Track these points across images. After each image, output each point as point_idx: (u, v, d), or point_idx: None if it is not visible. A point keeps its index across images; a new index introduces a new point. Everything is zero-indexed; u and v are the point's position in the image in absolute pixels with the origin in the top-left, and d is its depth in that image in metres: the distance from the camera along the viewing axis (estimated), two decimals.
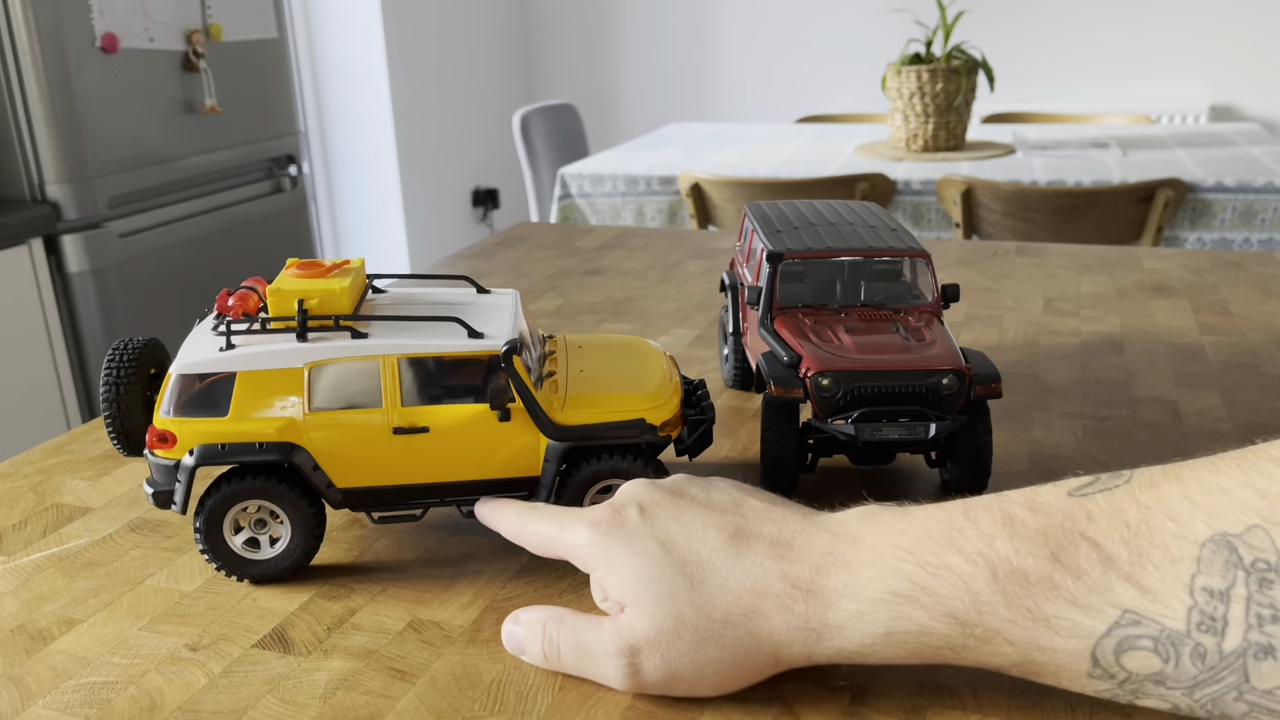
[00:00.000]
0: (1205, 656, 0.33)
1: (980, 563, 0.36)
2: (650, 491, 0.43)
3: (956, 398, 0.53)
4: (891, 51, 3.57)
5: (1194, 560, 0.33)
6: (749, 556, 0.39)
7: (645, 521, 0.41)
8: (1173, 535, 0.33)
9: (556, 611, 0.43)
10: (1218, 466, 0.34)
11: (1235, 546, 0.32)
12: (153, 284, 1.96)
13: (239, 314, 0.49)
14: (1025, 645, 0.35)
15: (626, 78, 4.00)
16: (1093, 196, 1.88)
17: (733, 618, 0.38)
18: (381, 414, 0.48)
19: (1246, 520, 0.32)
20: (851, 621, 0.37)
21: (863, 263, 0.60)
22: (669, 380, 0.53)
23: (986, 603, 0.35)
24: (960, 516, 0.37)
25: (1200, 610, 0.32)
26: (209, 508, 0.48)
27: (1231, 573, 0.32)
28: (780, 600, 0.38)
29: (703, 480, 0.45)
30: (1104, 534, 0.35)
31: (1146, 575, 0.33)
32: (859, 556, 0.38)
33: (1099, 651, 0.34)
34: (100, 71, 1.81)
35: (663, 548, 0.40)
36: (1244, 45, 3.30)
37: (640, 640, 0.39)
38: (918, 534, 0.37)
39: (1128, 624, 0.34)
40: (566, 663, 0.42)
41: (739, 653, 0.39)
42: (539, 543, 0.45)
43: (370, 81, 3.30)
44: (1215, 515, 0.33)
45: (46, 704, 0.42)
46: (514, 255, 1.15)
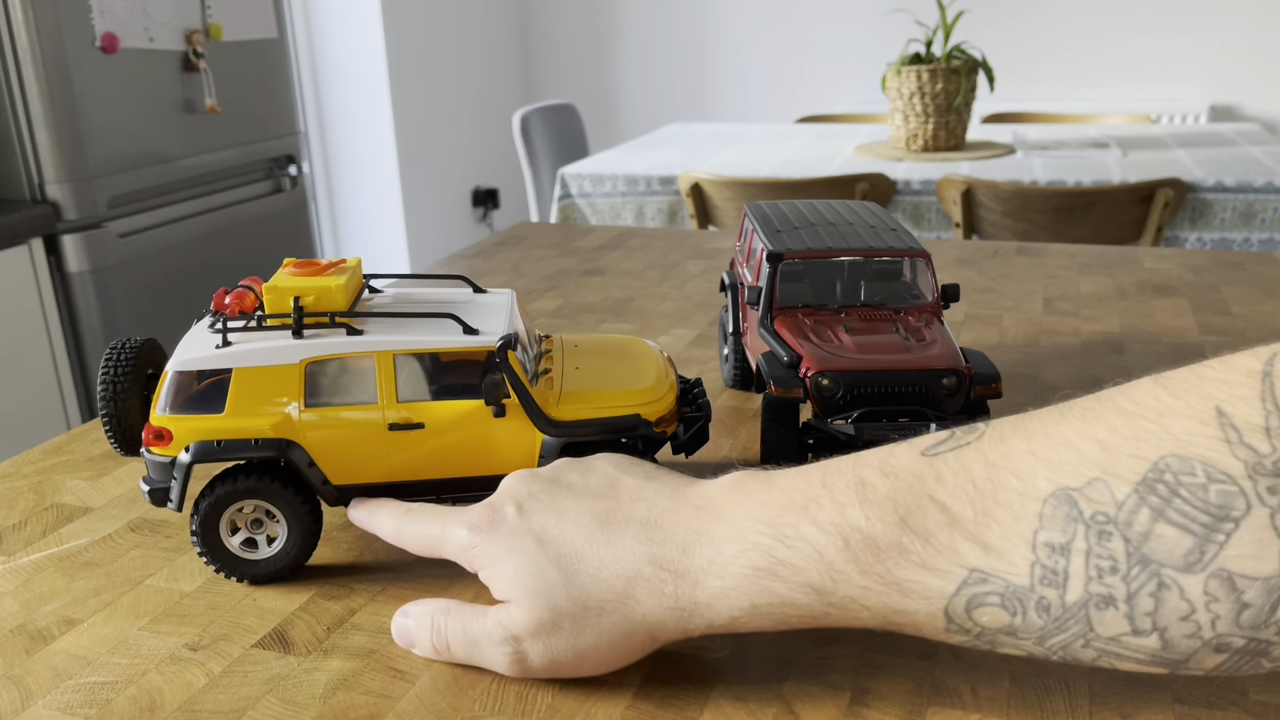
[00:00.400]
0: (1050, 609, 0.33)
1: (833, 532, 0.36)
2: (529, 484, 0.44)
3: (956, 398, 0.53)
4: (891, 51, 3.57)
5: (1036, 516, 0.33)
6: (619, 542, 0.40)
7: (521, 518, 0.42)
8: (1016, 492, 0.34)
9: (444, 603, 0.44)
10: (1065, 417, 0.35)
11: (1075, 500, 0.33)
12: (153, 284, 1.96)
13: (235, 312, 0.49)
14: (881, 609, 0.36)
15: (626, 78, 4.00)
16: (1093, 196, 1.88)
17: (606, 605, 0.39)
18: (377, 410, 0.48)
19: (1087, 474, 0.33)
20: (718, 598, 0.38)
21: (863, 263, 0.60)
22: (664, 377, 0.53)
23: (840, 572, 0.36)
24: (818, 484, 0.38)
25: (1042, 565, 0.33)
26: (204, 509, 0.48)
27: (1071, 527, 0.33)
28: (650, 584, 0.39)
29: (583, 463, 0.45)
30: (951, 495, 0.35)
31: (990, 534, 0.34)
32: (722, 532, 0.39)
33: (951, 610, 0.35)
34: (100, 71, 1.81)
35: (538, 543, 0.41)
36: (1244, 45, 3.30)
37: (521, 631, 0.40)
38: (777, 504, 0.38)
39: (975, 582, 0.34)
40: (456, 653, 0.43)
41: (615, 636, 0.40)
42: (421, 545, 0.46)
43: (370, 81, 3.30)
44: (1058, 469, 0.33)
45: (46, 704, 0.42)
46: (514, 255, 1.15)
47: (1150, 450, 0.32)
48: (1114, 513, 0.32)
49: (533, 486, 0.44)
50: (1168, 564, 0.31)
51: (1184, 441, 0.31)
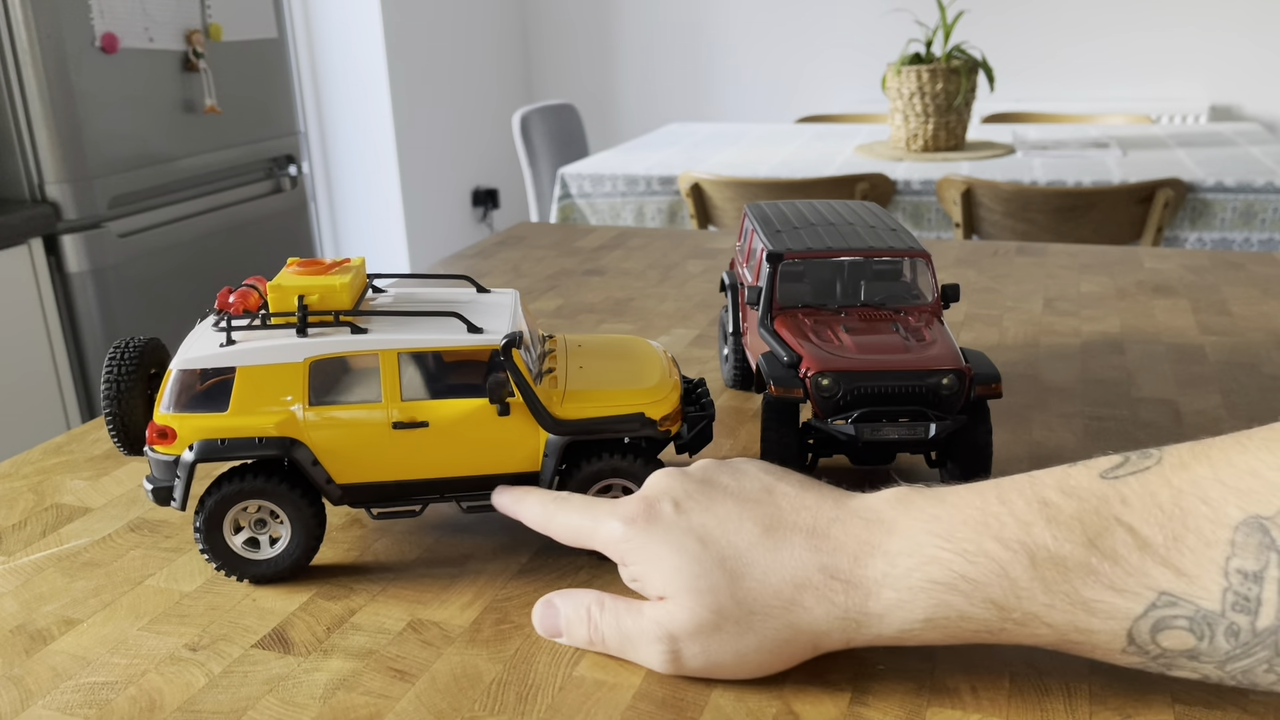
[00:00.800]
0: (1239, 634, 0.34)
1: (1018, 550, 0.36)
2: (682, 482, 0.43)
3: (956, 398, 0.53)
4: (891, 51, 3.57)
5: (1228, 543, 0.34)
6: (786, 549, 0.39)
7: (680, 515, 0.42)
8: (1206, 519, 0.34)
9: (598, 595, 0.44)
10: (1246, 447, 0.35)
11: (1268, 529, 0.33)
12: (153, 284, 1.96)
13: (239, 311, 0.49)
14: (1063, 627, 0.36)
15: (626, 78, 4.00)
16: (1093, 196, 1.88)
17: (772, 610, 0.39)
18: (381, 409, 0.48)
19: (1277, 503, 0.33)
20: (892, 610, 0.38)
21: (863, 263, 0.60)
22: (668, 376, 0.53)
23: (1025, 589, 0.36)
24: (995, 501, 0.38)
25: (1235, 591, 0.34)
26: (209, 507, 0.48)
27: (1265, 554, 0.33)
28: (819, 592, 0.39)
29: (730, 466, 0.45)
30: (1139, 518, 0.35)
31: (1182, 559, 0.34)
32: (896, 545, 0.38)
33: (1135, 631, 0.35)
34: (100, 71, 1.81)
35: (700, 542, 0.40)
36: (1244, 45, 3.30)
37: (680, 630, 0.40)
38: (953, 520, 0.38)
39: (1164, 605, 0.35)
40: (610, 646, 0.43)
41: (778, 642, 0.39)
42: (569, 534, 0.46)
43: (370, 81, 3.30)
44: (1247, 498, 0.34)
45: (46, 704, 0.42)
46: (514, 255, 1.15)
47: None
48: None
49: (687, 485, 0.43)
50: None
51: None
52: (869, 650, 0.43)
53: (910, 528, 0.39)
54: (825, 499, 0.42)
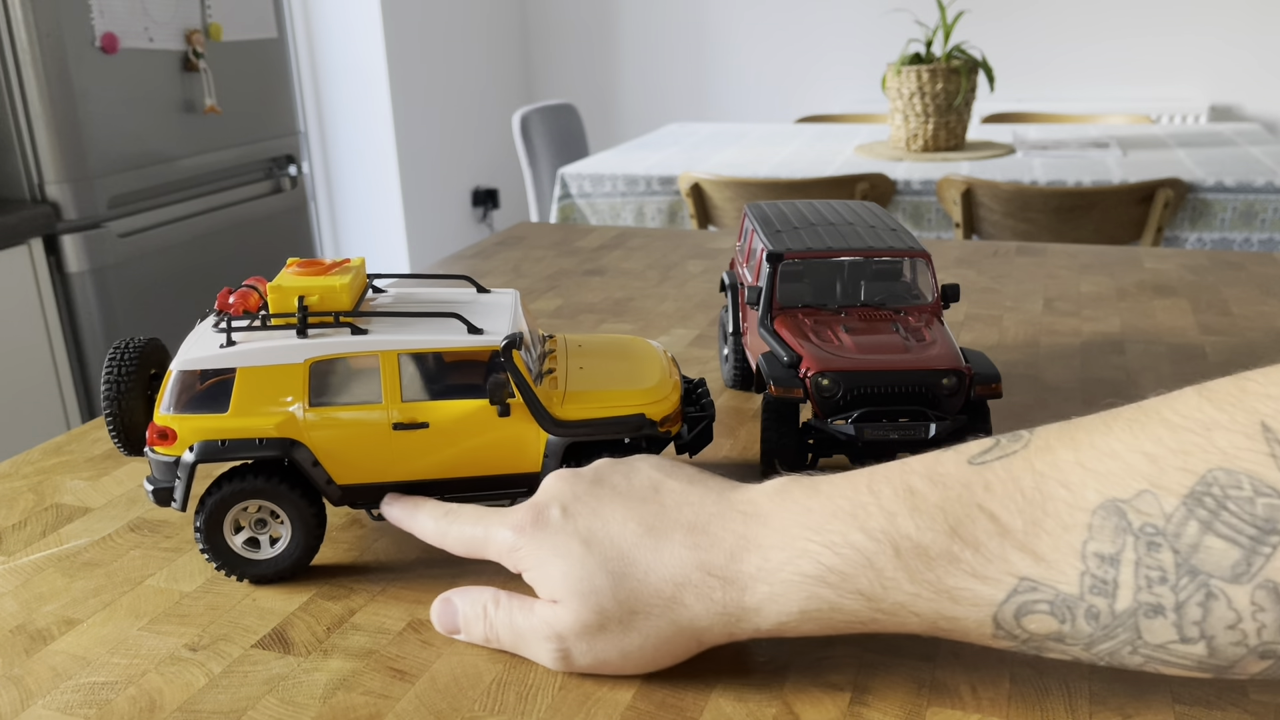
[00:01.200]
0: (1099, 616, 0.34)
1: (883, 540, 0.37)
2: (572, 485, 0.44)
3: (956, 398, 0.53)
4: (891, 51, 3.57)
5: (1085, 527, 0.34)
6: (667, 548, 0.40)
7: (566, 520, 0.42)
8: (1065, 503, 0.35)
9: (494, 593, 0.44)
10: (1110, 428, 0.35)
11: (1125, 512, 0.33)
12: (153, 284, 1.96)
13: (239, 311, 0.49)
14: (930, 615, 0.37)
15: (626, 78, 4.00)
16: (1093, 196, 1.88)
17: (653, 609, 0.40)
18: (381, 409, 0.48)
19: (1135, 486, 0.33)
20: (766, 603, 0.39)
21: (863, 263, 0.60)
22: (669, 377, 0.53)
23: (891, 579, 0.37)
24: (865, 491, 0.38)
25: (1092, 575, 0.34)
26: (209, 507, 0.48)
27: (1121, 538, 0.33)
28: (698, 590, 0.39)
29: (625, 464, 0.45)
30: (1000, 504, 0.36)
31: (1040, 543, 0.35)
32: (769, 539, 0.39)
33: (1000, 617, 0.36)
34: (100, 71, 1.81)
35: (585, 545, 0.41)
36: (1244, 45, 3.30)
37: (567, 630, 0.41)
38: (824, 511, 0.39)
39: (1025, 591, 0.35)
40: (504, 643, 0.44)
41: (661, 639, 0.40)
42: (463, 546, 0.46)
43: (370, 81, 3.30)
44: (1106, 481, 0.34)
45: (46, 704, 0.42)
46: (514, 255, 1.15)
47: (1197, 464, 0.33)
48: (1163, 525, 0.33)
49: (576, 488, 0.44)
50: (1216, 575, 0.32)
51: (1230, 456, 0.32)
52: (869, 650, 0.43)
53: (784, 521, 0.39)
54: (709, 494, 0.42)
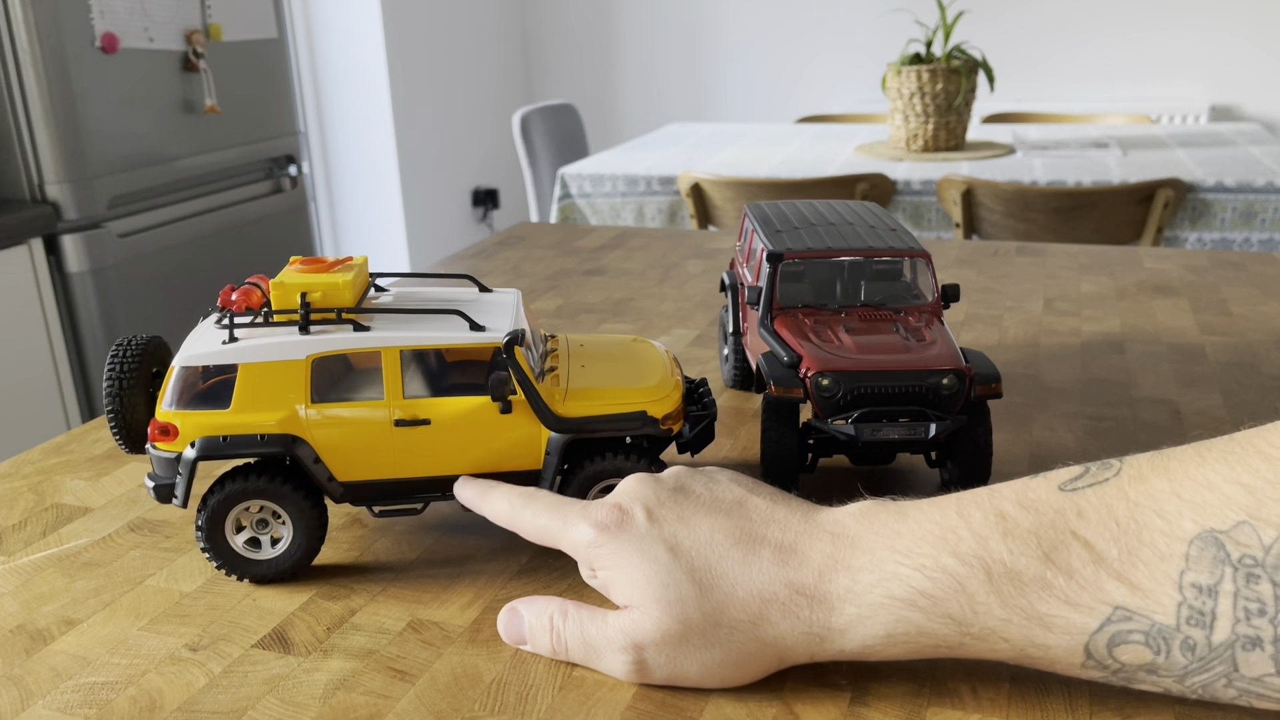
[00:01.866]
0: (1195, 648, 0.34)
1: (975, 564, 0.37)
2: (655, 490, 0.43)
3: (957, 398, 0.53)
4: (891, 51, 3.57)
5: (1182, 557, 0.34)
6: (755, 563, 0.40)
7: (652, 524, 0.41)
8: (1161, 533, 0.34)
9: (561, 604, 0.43)
10: (1205, 459, 0.35)
11: (1223, 543, 0.33)
12: (153, 284, 1.96)
13: (242, 308, 0.50)
14: (1021, 642, 0.36)
15: (626, 78, 3.99)
16: (1093, 196, 1.88)
17: (739, 624, 0.39)
18: (383, 406, 0.48)
19: (1233, 517, 0.33)
20: (853, 625, 0.38)
21: (863, 263, 0.60)
22: (670, 375, 0.53)
23: (982, 603, 0.36)
24: (954, 515, 0.38)
25: (1189, 605, 0.34)
26: (211, 507, 0.48)
27: (1219, 569, 0.33)
28: (785, 607, 0.39)
29: (705, 474, 0.45)
30: (1094, 532, 0.35)
31: (1136, 572, 0.34)
32: (859, 560, 0.39)
33: (1092, 646, 0.35)
34: (100, 71, 1.81)
35: (670, 552, 0.40)
36: (1244, 45, 3.30)
37: (645, 640, 0.40)
38: (914, 535, 0.38)
39: (1119, 620, 0.35)
40: (574, 655, 0.42)
41: (743, 655, 0.40)
42: (536, 533, 0.45)
43: (370, 81, 3.30)
44: (1203, 512, 0.34)
45: (46, 704, 0.42)
46: (514, 255, 1.15)
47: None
48: (1262, 556, 0.33)
49: (660, 493, 0.43)
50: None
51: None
52: None
53: (873, 543, 0.39)
54: (795, 513, 0.42)
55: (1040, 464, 0.61)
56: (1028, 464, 0.61)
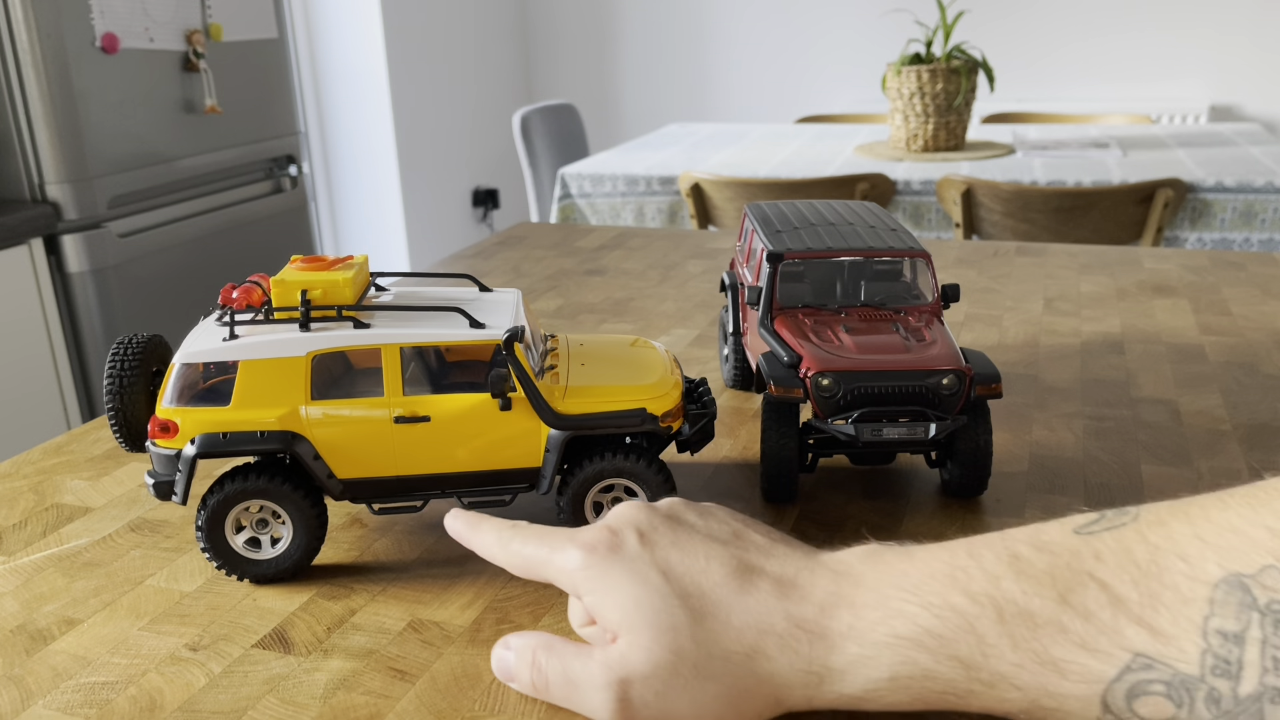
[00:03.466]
0: (1220, 701, 0.32)
1: (986, 604, 0.35)
2: (648, 516, 0.41)
3: (957, 398, 0.53)
4: (891, 51, 3.57)
5: (1207, 601, 0.32)
6: (753, 593, 0.38)
7: (645, 548, 0.39)
8: (1184, 576, 0.32)
9: (547, 639, 0.41)
10: (1228, 504, 0.34)
11: (1249, 588, 0.31)
12: (153, 284, 1.96)
13: (243, 306, 0.50)
14: (1033, 690, 0.34)
15: (626, 78, 3.99)
16: (1093, 196, 1.88)
17: (734, 656, 0.37)
18: (383, 403, 0.48)
19: (1260, 560, 0.32)
20: (855, 665, 0.36)
21: (863, 263, 0.60)
22: (670, 373, 0.53)
23: (992, 645, 0.34)
24: (964, 555, 0.36)
25: (1214, 653, 0.32)
26: (211, 506, 0.48)
27: (1246, 614, 0.31)
28: (784, 640, 0.37)
29: (699, 507, 0.43)
30: (1113, 574, 0.34)
31: (1158, 617, 0.32)
32: (863, 598, 0.37)
33: (1109, 697, 0.33)
34: (100, 71, 1.81)
35: (664, 576, 0.38)
36: (1244, 45, 3.29)
37: (633, 674, 0.37)
38: (921, 574, 0.36)
39: (1139, 668, 0.33)
40: (554, 693, 0.40)
41: (738, 692, 0.37)
42: (524, 565, 0.42)
43: (370, 81, 3.30)
44: (1227, 555, 0.32)
45: (46, 704, 0.42)
46: (514, 255, 1.15)
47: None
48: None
49: (654, 519, 0.41)
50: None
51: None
52: None
53: (878, 581, 0.37)
54: (795, 549, 0.40)
55: (1040, 464, 0.61)
56: (1028, 464, 0.61)
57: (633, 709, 0.37)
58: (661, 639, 0.37)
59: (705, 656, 0.37)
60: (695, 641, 0.37)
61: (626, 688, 0.37)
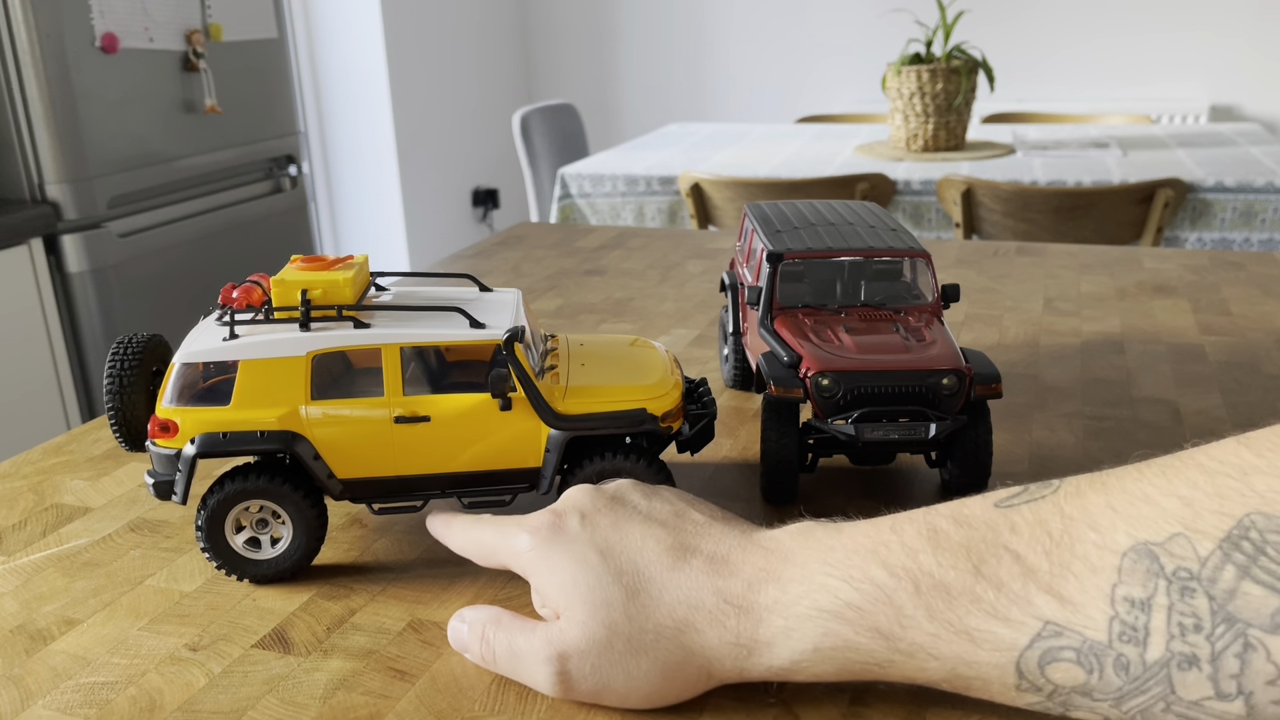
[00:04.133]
0: (1129, 667, 0.32)
1: (903, 576, 0.36)
2: (592, 498, 0.43)
3: (957, 398, 0.53)
4: (891, 51, 3.57)
5: (1115, 570, 0.33)
6: (685, 570, 0.39)
7: (585, 528, 0.42)
8: (1094, 545, 0.33)
9: (495, 613, 0.43)
10: (1144, 474, 0.34)
11: (1157, 555, 0.32)
12: (153, 284, 1.96)
13: (243, 305, 0.50)
14: (950, 659, 0.35)
15: (626, 78, 3.99)
16: (1093, 196, 1.88)
17: (665, 630, 0.39)
18: (383, 403, 0.48)
19: (1169, 529, 0.32)
20: (780, 638, 0.38)
21: (862, 263, 0.60)
22: (670, 374, 0.53)
23: (909, 616, 0.36)
24: (887, 530, 0.38)
25: (1121, 620, 0.32)
26: (211, 506, 0.48)
27: (1153, 582, 0.32)
28: (712, 615, 0.38)
29: (646, 488, 0.45)
30: (1026, 545, 0.35)
31: (1067, 586, 0.33)
32: (789, 573, 0.38)
33: (1023, 664, 0.34)
34: (100, 71, 1.81)
35: (601, 555, 0.40)
36: (1244, 45, 3.30)
37: (570, 648, 0.39)
38: (845, 549, 0.38)
39: (1049, 635, 0.34)
40: (501, 666, 0.42)
41: (669, 665, 0.39)
42: (480, 551, 0.45)
43: (370, 81, 3.30)
44: (1137, 524, 0.33)
45: (46, 704, 0.42)
46: (514, 255, 1.15)
47: (1234, 507, 0.31)
48: (1197, 569, 0.31)
49: (597, 501, 0.43)
50: (1254, 624, 0.31)
51: (1270, 500, 0.31)
52: None
53: (805, 557, 0.38)
54: (732, 528, 0.42)
55: (1040, 463, 0.61)
56: (1028, 464, 0.61)
57: (571, 681, 0.39)
58: (596, 614, 0.39)
59: (638, 631, 0.39)
60: (628, 617, 0.39)
61: (565, 661, 0.39)
